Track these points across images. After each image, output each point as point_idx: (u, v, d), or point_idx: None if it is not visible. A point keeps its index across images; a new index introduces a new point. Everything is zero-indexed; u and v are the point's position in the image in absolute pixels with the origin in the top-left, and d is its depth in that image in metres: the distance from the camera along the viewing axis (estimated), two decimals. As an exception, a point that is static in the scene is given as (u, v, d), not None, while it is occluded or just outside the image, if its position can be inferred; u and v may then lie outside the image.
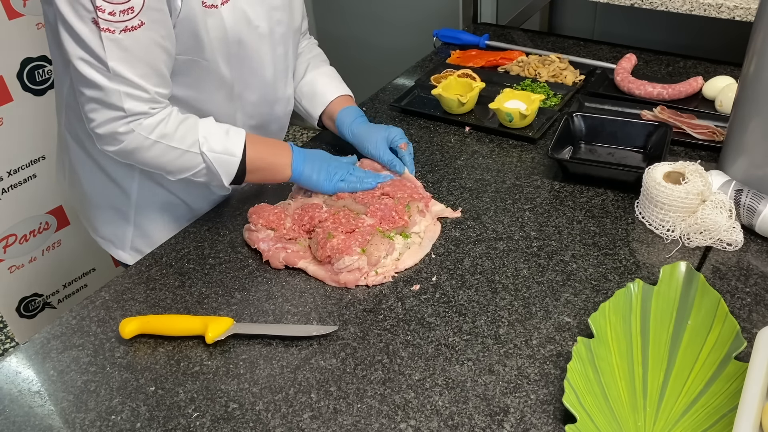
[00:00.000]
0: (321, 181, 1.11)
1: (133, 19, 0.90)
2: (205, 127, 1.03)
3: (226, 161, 1.04)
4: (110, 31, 0.89)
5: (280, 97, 1.21)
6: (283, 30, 1.13)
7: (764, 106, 0.98)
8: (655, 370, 0.79)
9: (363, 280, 0.97)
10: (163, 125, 0.99)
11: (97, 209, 1.25)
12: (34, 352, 0.92)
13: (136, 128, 0.97)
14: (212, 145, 1.03)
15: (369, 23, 2.76)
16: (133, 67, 0.93)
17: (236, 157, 1.04)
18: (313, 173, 1.11)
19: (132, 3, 0.89)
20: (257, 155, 1.07)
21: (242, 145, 1.05)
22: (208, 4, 0.98)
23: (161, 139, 0.99)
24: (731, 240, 0.98)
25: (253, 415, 0.80)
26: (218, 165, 1.04)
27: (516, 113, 1.26)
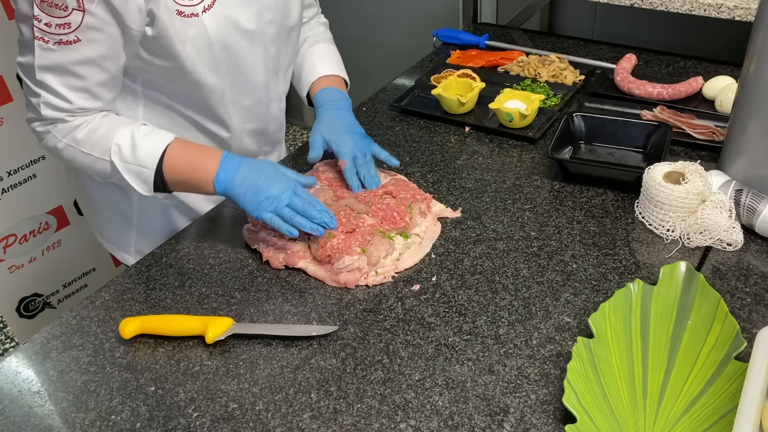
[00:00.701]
0: (247, 202, 0.97)
1: (69, 35, 0.89)
2: (122, 134, 0.98)
3: (137, 171, 0.98)
4: (44, 40, 0.89)
5: (274, 97, 1.19)
6: (276, 29, 1.10)
7: (764, 106, 0.98)
8: (655, 370, 0.79)
9: (363, 280, 0.97)
10: (78, 131, 0.98)
11: (101, 212, 1.25)
12: (34, 352, 0.92)
13: (52, 130, 0.98)
14: (124, 154, 0.98)
15: (369, 23, 2.76)
16: (59, 77, 0.93)
17: (148, 168, 0.98)
18: (241, 190, 0.97)
19: (69, 19, 0.88)
20: (176, 167, 0.99)
21: (158, 155, 0.98)
22: (186, 13, 0.96)
23: (73, 143, 0.98)
24: (731, 240, 0.98)
25: (253, 415, 0.80)
26: (129, 174, 0.98)
27: (516, 113, 1.26)
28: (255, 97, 1.14)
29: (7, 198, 1.86)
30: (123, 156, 0.98)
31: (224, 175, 0.98)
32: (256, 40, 1.07)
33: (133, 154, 0.98)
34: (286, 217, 0.97)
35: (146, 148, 0.98)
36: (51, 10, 0.87)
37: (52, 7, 0.87)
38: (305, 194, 1.00)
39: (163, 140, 0.99)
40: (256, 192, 0.97)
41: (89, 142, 0.98)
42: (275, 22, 1.09)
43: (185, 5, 0.96)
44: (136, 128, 1.00)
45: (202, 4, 0.97)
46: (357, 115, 1.41)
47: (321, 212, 0.98)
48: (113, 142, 0.98)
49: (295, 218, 0.97)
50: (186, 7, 0.96)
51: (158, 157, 0.98)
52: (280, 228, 0.97)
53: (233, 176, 0.98)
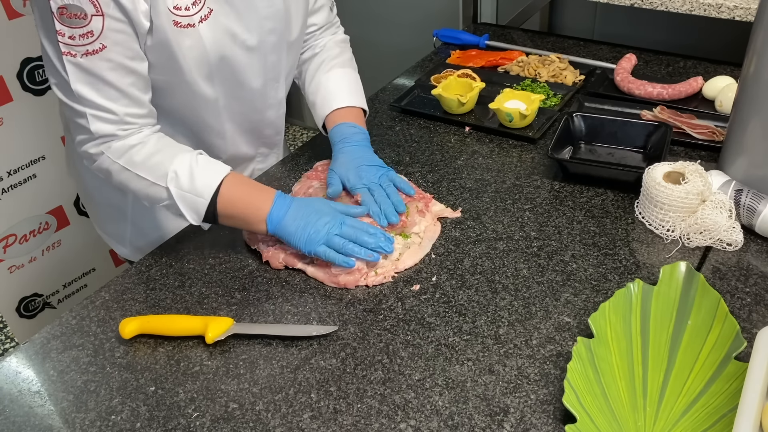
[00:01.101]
0: (298, 239, 0.96)
1: (94, 43, 0.89)
2: (180, 161, 0.97)
3: (192, 201, 0.97)
4: (71, 54, 0.89)
5: (272, 102, 1.18)
6: (276, 39, 1.08)
7: (764, 106, 0.98)
8: (655, 370, 0.79)
9: (363, 281, 0.97)
10: (134, 152, 0.97)
11: (99, 205, 1.26)
12: (34, 352, 0.92)
13: (106, 151, 0.97)
14: (181, 182, 0.97)
15: (369, 23, 2.75)
16: (97, 89, 0.92)
17: (204, 198, 0.97)
18: (291, 228, 0.96)
19: (91, 27, 0.88)
20: (231, 201, 0.98)
21: (214, 186, 0.97)
22: (182, 24, 0.96)
23: (129, 166, 0.97)
24: (731, 240, 0.98)
25: (253, 415, 0.80)
26: (182, 203, 0.97)
27: (516, 113, 1.26)
28: (250, 104, 1.14)
29: (7, 198, 1.86)
30: (180, 184, 0.97)
31: (276, 214, 0.97)
32: (255, 50, 1.06)
33: (190, 182, 0.97)
34: (337, 247, 0.95)
35: (204, 178, 0.97)
36: (71, 21, 0.87)
37: (72, 18, 0.87)
38: (356, 222, 0.99)
39: (220, 172, 0.98)
40: (305, 227, 0.96)
41: (146, 166, 0.97)
42: (276, 32, 1.08)
43: (182, 15, 0.95)
44: (194, 157, 0.99)
45: (198, 15, 0.97)
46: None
47: (375, 236, 0.97)
48: (171, 168, 0.97)
49: (347, 246, 0.95)
50: (183, 18, 0.95)
51: (214, 188, 0.97)
52: (335, 260, 0.95)
53: (285, 215, 0.97)
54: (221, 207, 0.98)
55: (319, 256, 0.96)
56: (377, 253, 0.97)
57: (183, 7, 0.95)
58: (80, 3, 0.87)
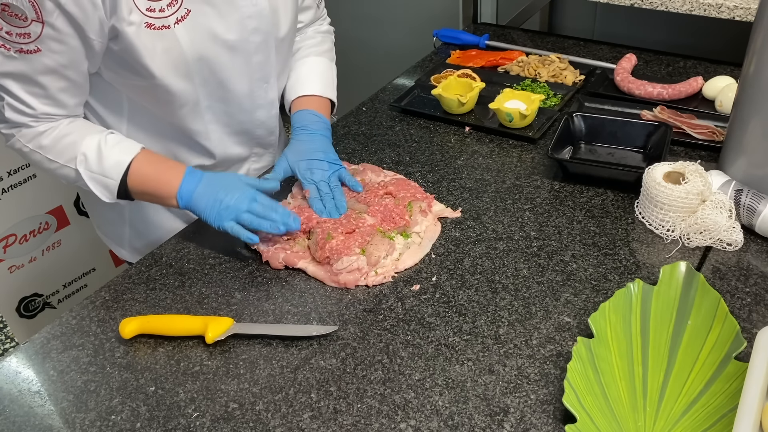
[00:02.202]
0: (208, 213, 0.99)
1: (30, 44, 0.90)
2: (89, 143, 0.99)
3: (102, 182, 1.00)
4: (5, 48, 0.89)
5: (261, 103, 1.16)
6: (260, 38, 1.07)
7: (764, 106, 0.98)
8: (655, 370, 0.79)
9: (363, 281, 0.97)
10: (43, 137, 0.98)
11: (98, 207, 1.26)
12: (34, 352, 0.92)
13: (16, 134, 0.99)
14: (89, 163, 0.99)
15: (369, 23, 2.75)
16: (22, 84, 0.93)
17: (113, 179, 0.99)
18: (201, 202, 0.99)
19: (29, 29, 0.88)
20: (141, 180, 1.00)
21: (124, 166, 0.99)
22: (156, 26, 0.95)
23: (39, 149, 0.99)
24: (731, 240, 0.98)
25: (253, 415, 0.80)
26: (93, 183, 1.00)
27: (516, 113, 1.26)
28: (236, 105, 1.12)
29: (7, 198, 1.86)
30: (89, 165, 0.99)
31: (186, 189, 1.00)
32: (238, 50, 1.05)
33: (99, 164, 0.99)
34: (246, 222, 0.98)
35: (112, 159, 0.99)
36: (11, 20, 0.87)
37: (12, 17, 0.87)
38: (266, 200, 1.01)
39: (129, 151, 1.00)
40: (215, 202, 0.99)
41: (55, 150, 0.99)
42: (260, 32, 1.06)
43: (155, 17, 0.95)
44: (103, 138, 1.00)
45: (174, 16, 0.96)
46: (357, 115, 1.42)
47: (283, 215, 0.99)
48: (80, 151, 0.99)
49: (254, 222, 0.98)
50: (156, 20, 0.95)
51: (124, 168, 0.99)
52: (240, 235, 0.98)
53: (194, 190, 1.00)
54: (132, 185, 1.00)
55: (227, 231, 0.98)
56: (282, 227, 0.98)
57: (157, 9, 0.95)
58: (23, 6, 0.86)
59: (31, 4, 0.86)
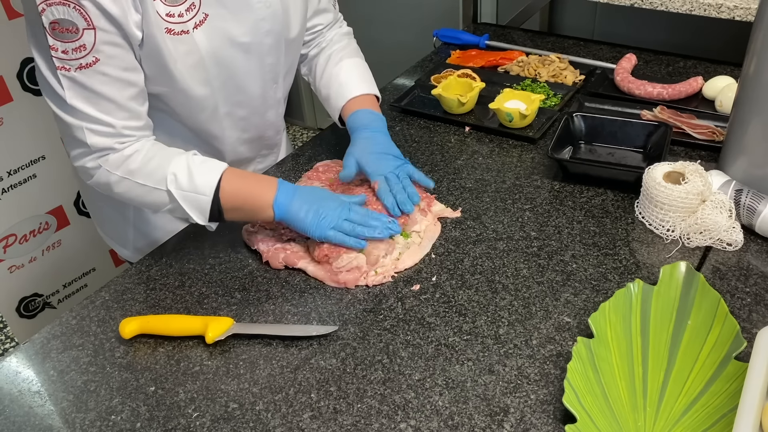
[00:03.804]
0: (308, 224, 0.97)
1: (87, 56, 0.88)
2: (178, 163, 0.97)
3: (194, 200, 0.97)
4: (66, 69, 0.88)
5: (271, 103, 1.17)
6: (273, 41, 1.08)
7: (764, 106, 0.98)
8: (655, 370, 0.79)
9: (363, 280, 0.97)
10: (131, 161, 0.96)
11: (101, 208, 1.26)
12: (34, 352, 0.92)
13: (104, 164, 0.96)
14: (180, 182, 0.96)
15: (369, 23, 2.76)
16: (93, 103, 0.92)
17: (206, 196, 0.96)
18: (300, 213, 0.98)
19: (83, 40, 0.87)
20: (233, 194, 0.98)
21: (215, 183, 0.96)
22: (176, 31, 0.95)
23: (128, 175, 0.96)
24: (731, 240, 0.98)
25: (253, 415, 0.80)
26: (186, 203, 0.97)
27: (516, 113, 1.26)
28: (251, 107, 1.13)
29: (7, 198, 1.86)
30: (180, 185, 0.96)
31: (283, 200, 0.98)
32: (252, 52, 1.05)
33: (190, 182, 0.96)
34: (347, 231, 0.97)
35: (203, 176, 0.97)
36: (64, 36, 0.86)
37: (64, 33, 0.86)
38: (361, 209, 1.01)
39: (218, 168, 0.98)
40: (315, 213, 0.97)
41: (144, 173, 0.97)
42: (272, 33, 1.07)
43: (174, 23, 0.94)
44: (190, 157, 0.99)
45: (192, 21, 0.96)
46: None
47: (381, 220, 1.00)
48: (169, 171, 0.96)
49: (356, 229, 0.97)
50: (175, 25, 0.95)
51: (215, 184, 0.97)
52: (346, 242, 0.96)
53: (291, 201, 0.98)
54: (225, 200, 0.98)
55: (330, 240, 0.97)
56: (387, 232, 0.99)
57: (176, 14, 0.94)
58: (71, 17, 0.85)
59: (78, 12, 0.85)
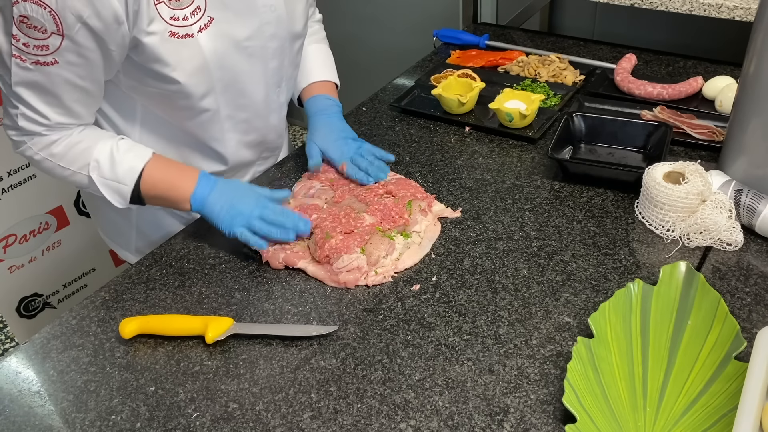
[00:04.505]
0: (221, 219, 1.00)
1: (47, 56, 0.89)
2: (101, 149, 0.99)
3: (115, 188, 1.00)
4: (21, 59, 0.89)
5: (274, 107, 1.17)
6: (277, 44, 1.08)
7: (764, 106, 0.98)
8: (655, 370, 0.79)
9: (363, 280, 0.97)
10: (54, 145, 0.98)
11: (103, 211, 1.25)
12: (34, 352, 0.92)
13: (28, 141, 0.98)
14: (102, 170, 0.99)
15: (369, 23, 2.75)
16: (37, 95, 0.93)
17: (126, 185, 1.00)
18: (215, 208, 1.00)
19: (48, 42, 0.87)
20: (154, 185, 1.01)
21: (137, 172, 1.00)
22: (180, 34, 0.95)
23: (50, 157, 0.99)
24: (731, 240, 0.98)
25: (253, 415, 0.80)
26: (106, 189, 1.00)
27: (516, 113, 1.26)
28: (253, 110, 1.13)
29: (7, 198, 1.86)
30: (102, 172, 1.00)
31: (200, 194, 1.01)
32: (256, 56, 1.06)
33: (111, 170, 1.00)
34: (257, 229, 0.99)
35: (125, 164, 1.00)
36: (30, 32, 0.86)
37: (30, 29, 0.86)
38: (277, 208, 1.03)
39: (141, 157, 1.01)
40: (229, 209, 1.00)
41: (67, 157, 0.99)
42: (277, 37, 1.07)
43: (179, 26, 0.94)
44: (115, 144, 1.01)
45: (198, 24, 0.96)
46: (357, 115, 1.42)
47: (294, 221, 1.01)
48: (92, 157, 0.99)
49: (264, 229, 0.99)
50: (180, 28, 0.95)
51: (137, 174, 1.00)
52: (249, 241, 0.99)
53: (208, 195, 1.01)
54: (145, 190, 1.01)
55: (237, 237, 1.00)
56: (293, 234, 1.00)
57: (181, 18, 0.94)
58: (43, 19, 0.85)
59: (52, 18, 0.85)
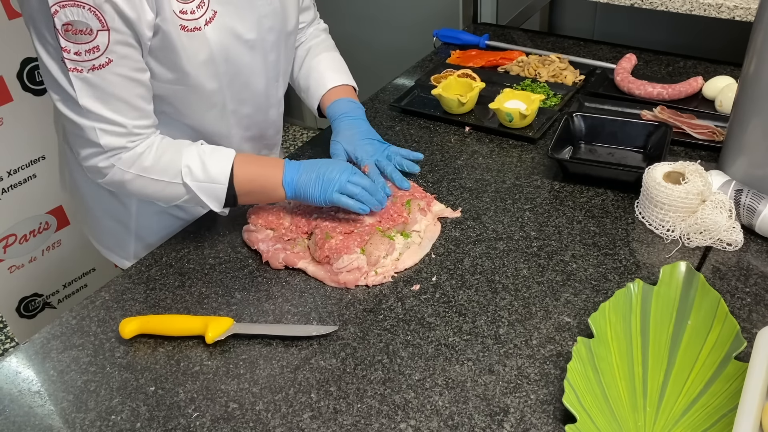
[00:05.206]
0: (315, 191, 1.01)
1: (100, 57, 0.89)
2: (189, 155, 0.99)
3: (211, 189, 1.00)
4: (78, 70, 0.88)
5: (273, 102, 1.19)
6: (275, 37, 1.09)
7: (764, 106, 0.98)
8: (655, 370, 0.79)
9: (363, 280, 0.97)
10: (144, 158, 0.97)
11: (99, 220, 1.24)
12: (34, 352, 0.92)
13: (116, 163, 0.96)
14: (195, 174, 0.99)
15: (369, 23, 2.75)
16: (105, 103, 0.92)
17: (221, 184, 1.00)
18: (308, 184, 1.02)
19: (97, 42, 0.87)
20: (246, 179, 1.02)
21: (228, 171, 1.00)
22: (189, 27, 0.95)
23: (142, 172, 0.98)
24: (731, 240, 0.98)
25: (253, 415, 0.80)
26: (203, 194, 1.00)
27: (516, 113, 1.26)
28: (255, 104, 1.14)
29: (7, 198, 1.86)
30: (195, 176, 0.99)
31: (290, 177, 1.02)
32: (257, 49, 1.07)
33: (204, 173, 0.99)
34: (350, 191, 1.01)
35: (216, 166, 1.00)
36: (77, 38, 0.86)
37: (77, 34, 0.86)
38: (361, 174, 1.05)
39: (228, 155, 1.01)
40: (319, 179, 1.01)
41: (158, 169, 0.98)
42: (274, 30, 1.08)
43: (188, 19, 0.95)
44: (200, 147, 1.01)
45: (204, 17, 0.97)
46: (357, 115, 1.42)
47: (381, 183, 1.06)
48: (182, 164, 0.98)
49: (357, 190, 1.01)
50: (189, 22, 0.95)
51: (228, 172, 1.00)
52: (350, 206, 1.01)
53: (299, 176, 1.02)
54: (239, 186, 1.01)
55: (335, 203, 1.01)
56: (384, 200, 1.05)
57: (189, 11, 0.95)
58: (86, 19, 0.85)
59: (92, 14, 0.85)
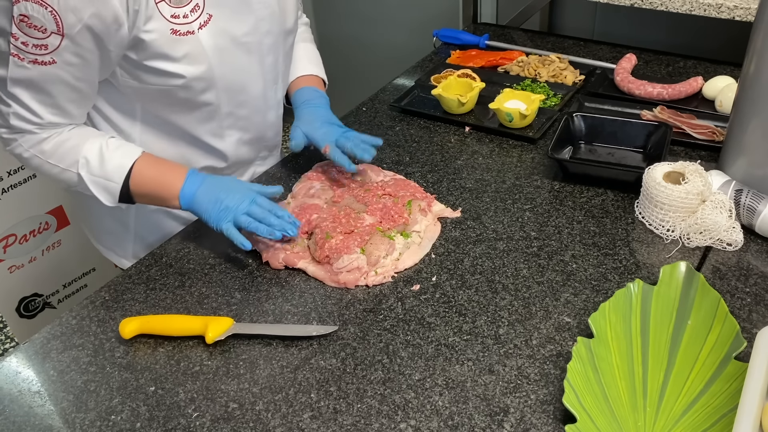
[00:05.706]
0: (209, 214, 0.99)
1: (45, 56, 0.89)
2: (90, 147, 1.00)
3: (104, 185, 1.00)
4: (18, 57, 0.89)
5: (272, 104, 1.18)
6: (272, 40, 1.09)
7: (764, 106, 0.98)
8: (655, 370, 0.79)
9: (363, 280, 0.97)
10: (45, 143, 0.98)
11: (98, 218, 1.24)
12: (34, 352, 0.92)
13: (19, 138, 0.98)
14: (92, 167, 0.99)
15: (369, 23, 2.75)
16: (31, 93, 0.93)
17: (116, 183, 1.00)
18: (204, 203, 0.99)
19: (47, 41, 0.87)
20: (143, 182, 1.01)
21: (125, 169, 1.00)
22: (181, 32, 0.95)
23: (39, 155, 0.99)
24: (731, 240, 0.98)
25: (253, 415, 0.80)
26: (95, 187, 1.00)
27: (516, 113, 1.26)
28: (253, 107, 1.14)
29: (7, 198, 1.86)
30: (91, 169, 1.00)
31: (189, 190, 1.00)
32: (253, 52, 1.06)
33: (101, 168, 1.00)
34: (243, 225, 0.97)
35: (114, 162, 1.00)
36: (29, 31, 0.86)
37: (30, 28, 0.86)
38: (266, 203, 1.00)
39: (131, 155, 1.01)
40: (216, 203, 0.99)
41: (56, 155, 0.99)
42: (272, 33, 1.08)
43: (180, 23, 0.95)
44: (105, 142, 1.01)
45: (198, 21, 0.97)
46: (357, 115, 1.42)
47: (281, 220, 0.99)
48: (81, 155, 0.99)
49: (251, 225, 0.97)
50: (181, 26, 0.95)
51: (126, 171, 1.00)
52: (234, 239, 0.97)
53: (197, 191, 1.00)
54: (135, 187, 1.01)
55: (223, 233, 0.98)
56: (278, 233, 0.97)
57: (181, 15, 0.95)
58: (44, 18, 0.85)
59: (53, 17, 0.86)
